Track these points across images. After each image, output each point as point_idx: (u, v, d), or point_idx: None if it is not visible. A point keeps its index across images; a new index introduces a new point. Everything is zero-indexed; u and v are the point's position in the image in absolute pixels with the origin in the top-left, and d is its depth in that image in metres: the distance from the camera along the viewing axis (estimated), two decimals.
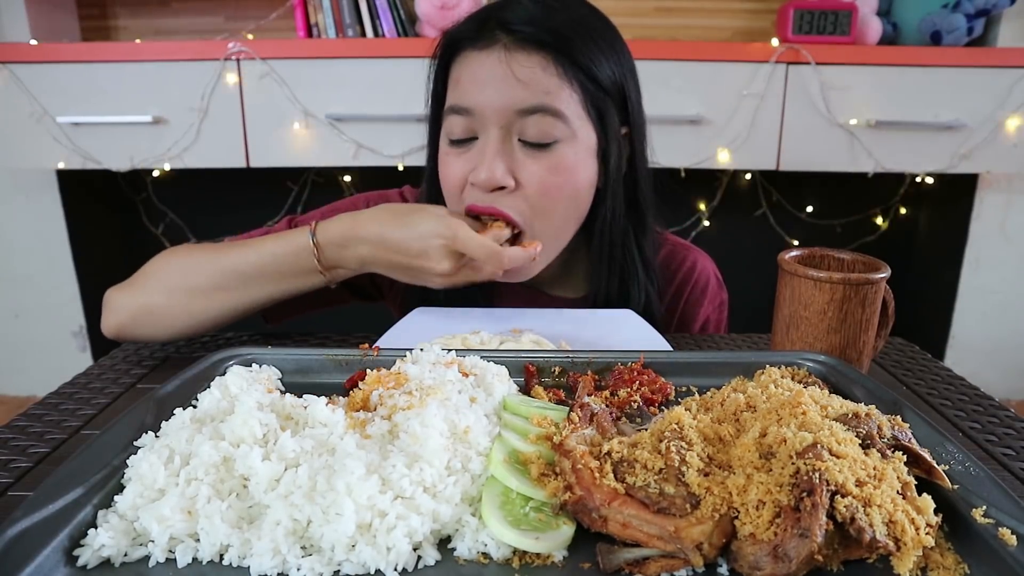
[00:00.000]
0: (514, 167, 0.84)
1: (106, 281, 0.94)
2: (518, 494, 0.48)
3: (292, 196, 2.46)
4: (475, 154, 0.85)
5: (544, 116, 0.82)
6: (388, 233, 0.80)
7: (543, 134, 0.83)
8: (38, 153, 2.05)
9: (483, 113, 0.83)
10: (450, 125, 0.86)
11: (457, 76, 0.86)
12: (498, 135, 0.83)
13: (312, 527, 0.44)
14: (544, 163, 0.84)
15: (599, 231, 0.93)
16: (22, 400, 2.53)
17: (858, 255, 0.77)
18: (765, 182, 2.45)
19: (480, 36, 0.84)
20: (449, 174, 0.87)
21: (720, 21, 2.35)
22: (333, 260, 0.83)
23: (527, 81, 0.81)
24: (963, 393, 0.78)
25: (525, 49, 0.82)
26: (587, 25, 0.86)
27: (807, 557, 0.40)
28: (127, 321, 0.84)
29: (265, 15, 2.29)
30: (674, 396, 0.66)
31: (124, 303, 0.85)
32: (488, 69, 0.82)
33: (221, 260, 0.84)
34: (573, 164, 0.85)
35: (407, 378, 0.60)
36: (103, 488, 0.47)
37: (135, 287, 0.86)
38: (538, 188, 0.84)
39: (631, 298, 0.96)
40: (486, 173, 0.82)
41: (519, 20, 0.83)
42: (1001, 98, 2.00)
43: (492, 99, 0.82)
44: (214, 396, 0.57)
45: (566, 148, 0.84)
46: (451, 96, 0.86)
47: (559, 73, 0.82)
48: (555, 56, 0.82)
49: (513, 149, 0.84)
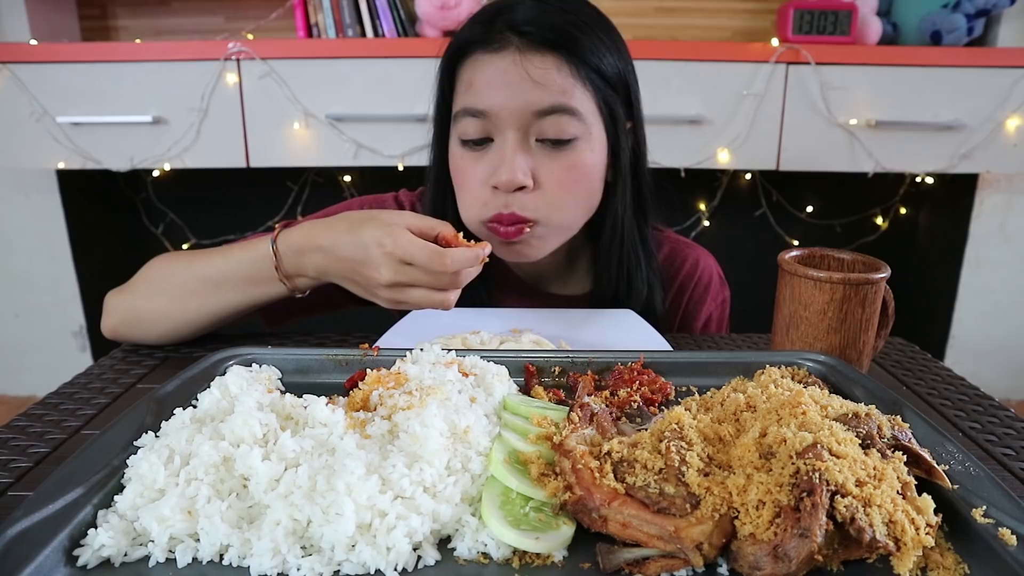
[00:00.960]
0: (534, 167, 0.85)
1: (106, 281, 0.94)
2: (518, 494, 0.48)
3: (292, 196, 2.46)
4: (493, 156, 0.86)
5: (561, 116, 0.83)
6: (338, 241, 0.77)
7: (560, 132, 0.84)
8: (38, 153, 2.04)
9: (499, 115, 0.83)
10: (464, 127, 0.86)
11: (469, 79, 0.86)
12: (515, 136, 0.84)
13: (312, 527, 0.44)
14: (562, 161, 0.86)
15: (610, 224, 0.95)
16: (22, 400, 2.53)
17: (858, 255, 0.77)
18: (765, 182, 2.45)
19: (490, 39, 0.84)
20: (468, 176, 0.88)
21: (720, 21, 2.34)
22: (292, 269, 0.81)
23: (543, 82, 0.82)
24: (963, 393, 0.78)
25: (538, 50, 0.83)
26: (591, 24, 0.87)
27: (807, 557, 0.40)
28: (119, 323, 0.87)
29: (265, 15, 2.29)
30: (674, 396, 0.66)
31: (117, 306, 0.88)
32: (503, 72, 0.83)
33: (194, 266, 0.85)
34: (590, 160, 0.87)
35: (407, 378, 0.60)
36: (103, 488, 0.47)
37: (127, 291, 0.88)
38: (557, 186, 0.86)
39: (635, 291, 0.96)
40: (507, 175, 0.83)
41: (527, 21, 0.83)
42: (1001, 98, 2.00)
43: (509, 101, 0.83)
44: (214, 396, 0.57)
45: (583, 145, 0.86)
46: (463, 99, 0.86)
47: (572, 73, 0.84)
48: (566, 56, 0.83)
49: (531, 149, 0.85)
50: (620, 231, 0.95)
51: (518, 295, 1.01)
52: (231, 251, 0.85)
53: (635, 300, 0.96)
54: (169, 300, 0.85)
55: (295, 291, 0.83)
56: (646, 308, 0.96)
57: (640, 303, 0.96)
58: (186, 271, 0.85)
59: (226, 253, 0.85)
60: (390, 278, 0.75)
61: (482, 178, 0.86)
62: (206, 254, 0.86)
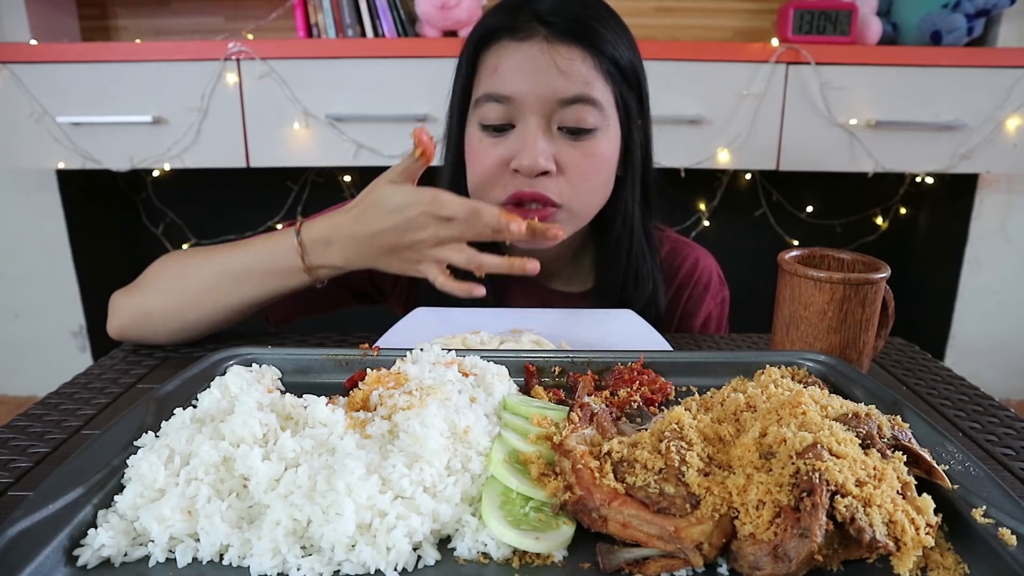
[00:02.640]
0: (555, 153, 0.86)
1: (106, 281, 0.94)
2: (518, 494, 0.48)
3: (292, 196, 2.46)
4: (514, 141, 0.87)
5: (584, 105, 0.85)
6: (368, 221, 0.79)
7: (581, 122, 0.86)
8: (38, 153, 2.04)
9: (524, 101, 0.85)
10: (485, 112, 0.87)
11: (494, 64, 0.87)
12: (538, 122, 0.86)
13: (312, 527, 0.44)
14: (583, 149, 0.87)
15: (620, 218, 0.96)
16: (22, 400, 2.53)
17: (858, 255, 0.77)
18: (765, 182, 2.45)
19: (517, 26, 0.86)
20: (485, 160, 0.89)
21: (720, 21, 2.34)
22: (317, 260, 0.82)
23: (568, 71, 0.84)
24: (963, 393, 0.78)
25: (564, 41, 0.85)
26: (608, 19, 0.89)
27: (807, 557, 0.40)
28: (128, 323, 0.87)
29: (265, 15, 2.29)
30: (674, 396, 0.66)
31: (125, 306, 0.88)
32: (530, 59, 0.85)
33: (212, 261, 0.86)
34: (607, 151, 0.90)
35: (407, 378, 0.60)
36: (103, 488, 0.47)
37: (135, 290, 0.89)
38: (578, 172, 0.87)
39: (639, 287, 0.97)
40: (529, 159, 0.84)
41: (552, 12, 0.85)
42: (1001, 98, 2.00)
43: (535, 88, 0.84)
44: (214, 396, 0.57)
45: (601, 136, 0.88)
46: (486, 84, 0.88)
47: (594, 65, 0.86)
48: (589, 48, 0.85)
49: (553, 136, 0.87)
50: (630, 224, 0.96)
51: (521, 291, 1.02)
52: (252, 244, 0.85)
53: (641, 294, 0.97)
54: (183, 297, 0.85)
55: (316, 282, 0.85)
56: (649, 304, 0.97)
57: (645, 298, 0.97)
58: (202, 267, 0.86)
59: (246, 247, 0.86)
60: (435, 234, 0.77)
61: (501, 162, 0.87)
62: (223, 249, 0.87)
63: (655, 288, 0.98)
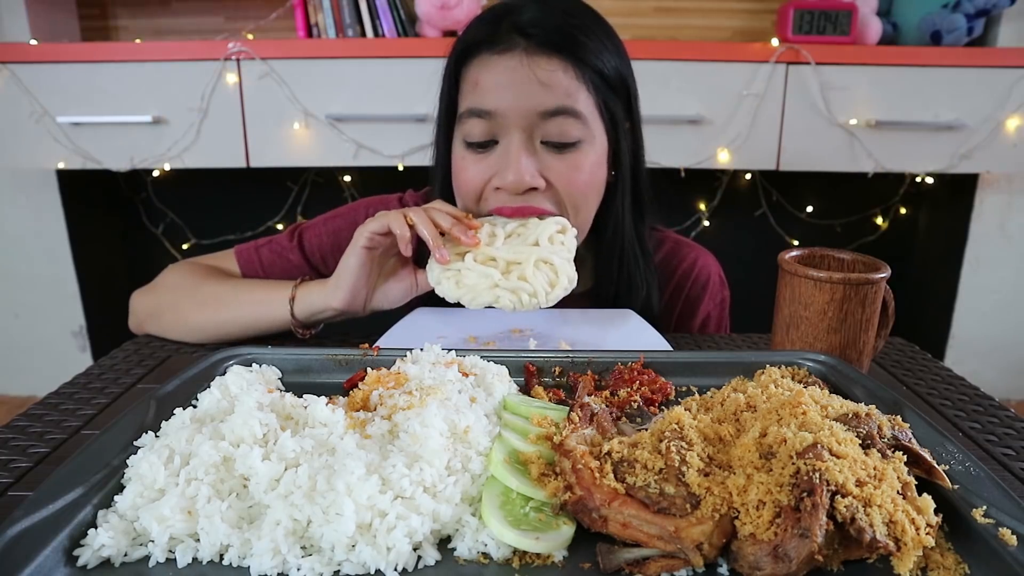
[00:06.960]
0: (541, 168, 0.85)
1: (106, 281, 0.96)
2: (518, 494, 0.48)
3: (292, 196, 2.46)
4: (497, 157, 0.86)
5: (566, 118, 0.84)
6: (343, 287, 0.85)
7: (564, 135, 0.84)
8: (38, 153, 2.04)
9: (505, 115, 0.84)
10: (469, 128, 0.86)
11: (475, 79, 0.86)
12: (521, 137, 0.84)
13: (312, 527, 0.44)
14: (568, 162, 0.86)
15: (612, 225, 0.95)
16: (22, 400, 2.53)
17: (858, 255, 0.77)
18: (765, 182, 2.45)
19: (496, 39, 0.85)
20: (469, 178, 0.88)
21: (720, 21, 2.34)
22: (308, 323, 0.90)
23: (549, 84, 0.83)
24: (963, 393, 0.78)
25: (544, 52, 0.83)
26: (592, 27, 0.88)
27: (807, 557, 0.40)
28: (145, 319, 0.96)
29: (265, 15, 2.29)
30: (674, 396, 0.66)
31: (140, 305, 0.97)
32: (510, 72, 0.83)
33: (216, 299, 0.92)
34: (594, 161, 0.88)
35: (407, 378, 0.60)
36: (103, 488, 0.47)
37: (152, 292, 0.98)
38: (567, 186, 0.86)
39: (635, 289, 0.97)
40: (514, 176, 0.83)
41: (533, 23, 0.84)
42: (1001, 98, 2.00)
43: (515, 102, 0.83)
44: (214, 396, 0.57)
45: (587, 147, 0.87)
46: (469, 99, 0.86)
47: (576, 75, 0.84)
48: (570, 59, 0.84)
49: (537, 151, 0.85)
50: (620, 231, 0.95)
51: None
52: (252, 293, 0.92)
53: (635, 298, 0.96)
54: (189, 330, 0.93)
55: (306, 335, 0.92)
56: (645, 306, 0.96)
57: (639, 301, 0.96)
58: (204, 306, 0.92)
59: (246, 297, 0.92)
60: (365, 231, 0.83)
61: (485, 179, 0.86)
62: (225, 289, 0.93)
63: (648, 294, 0.98)
